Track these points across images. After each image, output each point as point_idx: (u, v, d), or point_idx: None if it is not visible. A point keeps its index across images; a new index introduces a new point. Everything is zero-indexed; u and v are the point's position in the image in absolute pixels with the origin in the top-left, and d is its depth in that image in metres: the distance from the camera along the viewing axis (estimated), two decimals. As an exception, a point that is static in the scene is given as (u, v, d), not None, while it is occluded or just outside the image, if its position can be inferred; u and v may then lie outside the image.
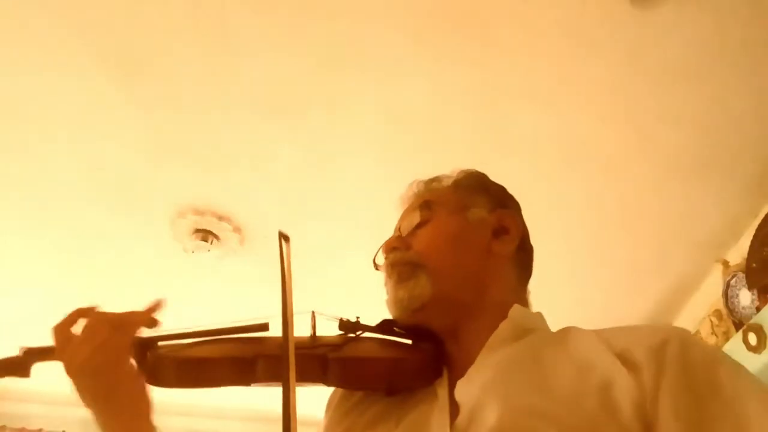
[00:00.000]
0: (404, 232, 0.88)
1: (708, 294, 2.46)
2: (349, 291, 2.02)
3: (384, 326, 0.84)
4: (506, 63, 1.77)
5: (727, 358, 0.65)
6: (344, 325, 0.83)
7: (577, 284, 2.57)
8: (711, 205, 2.22)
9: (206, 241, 2.29)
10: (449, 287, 0.80)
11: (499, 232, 0.87)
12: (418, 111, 1.90)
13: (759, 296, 2.06)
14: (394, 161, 2.01)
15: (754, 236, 2.09)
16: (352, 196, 2.11)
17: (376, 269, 0.90)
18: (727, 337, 2.17)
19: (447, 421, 0.70)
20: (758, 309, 2.03)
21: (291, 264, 0.76)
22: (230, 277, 2.48)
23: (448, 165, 2.08)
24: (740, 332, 2.03)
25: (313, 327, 0.82)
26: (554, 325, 0.83)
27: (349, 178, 2.07)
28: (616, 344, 0.67)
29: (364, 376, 0.78)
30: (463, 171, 0.96)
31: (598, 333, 0.71)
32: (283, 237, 0.81)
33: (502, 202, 0.92)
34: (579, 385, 0.64)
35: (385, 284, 0.85)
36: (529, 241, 0.93)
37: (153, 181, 2.11)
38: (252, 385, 0.76)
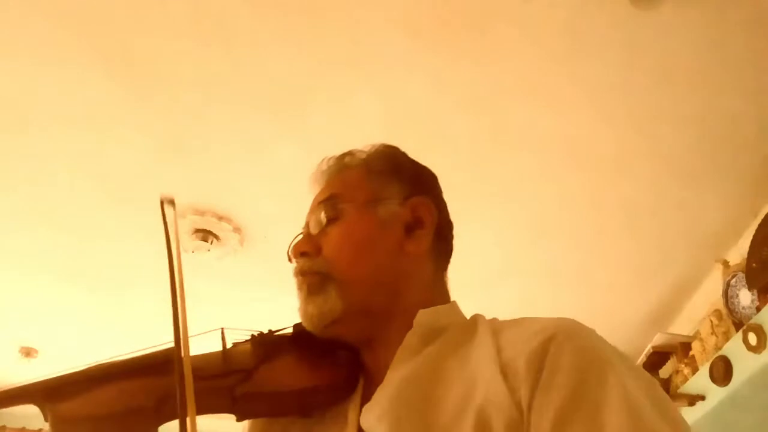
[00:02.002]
0: (313, 230, 0.82)
1: (708, 294, 2.46)
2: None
3: (298, 337, 0.80)
4: (507, 62, 1.77)
5: (603, 359, 0.62)
6: (257, 340, 0.78)
7: (577, 284, 2.57)
8: (711, 205, 2.22)
9: (206, 241, 2.30)
10: (360, 299, 0.76)
11: (413, 226, 0.82)
12: (418, 110, 1.90)
13: (759, 296, 2.06)
14: (394, 161, 2.00)
15: (754, 236, 2.09)
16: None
17: (290, 261, 0.85)
18: (727, 337, 2.17)
19: None
20: (758, 309, 2.03)
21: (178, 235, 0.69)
22: (230, 277, 2.48)
23: (448, 164, 2.08)
24: (740, 332, 2.03)
25: (224, 345, 0.78)
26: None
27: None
28: (504, 354, 0.65)
29: (275, 411, 0.76)
30: (375, 148, 0.90)
31: (497, 336, 0.69)
32: (167, 201, 0.73)
33: (416, 186, 0.86)
34: (461, 414, 0.62)
35: (297, 291, 0.81)
36: (447, 223, 0.87)
37: (153, 181, 2.11)
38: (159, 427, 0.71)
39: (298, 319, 0.81)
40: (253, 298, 2.56)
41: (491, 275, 2.37)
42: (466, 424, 0.61)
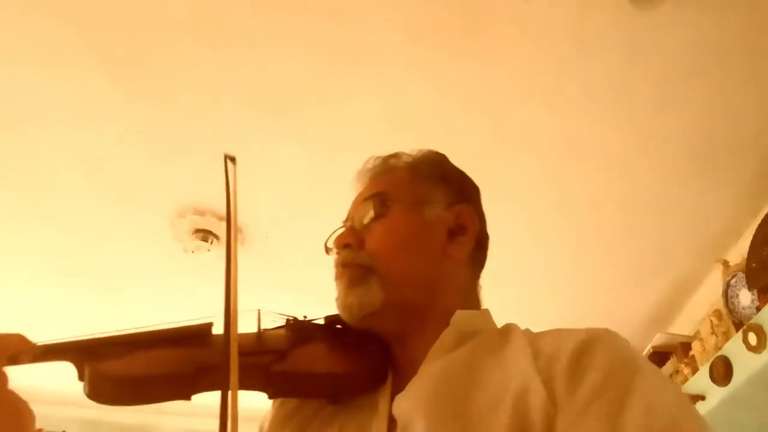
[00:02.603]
0: (357, 225, 0.84)
1: (708, 294, 2.46)
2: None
3: (331, 327, 0.82)
4: (506, 63, 1.77)
5: (642, 367, 0.63)
6: (291, 325, 0.81)
7: (577, 284, 2.57)
8: (711, 205, 2.22)
9: (206, 241, 2.30)
10: (400, 295, 0.78)
11: (456, 232, 0.84)
12: (418, 110, 1.90)
13: (759, 296, 2.06)
14: (394, 161, 2.00)
15: (754, 236, 2.09)
16: (353, 196, 2.11)
17: (327, 253, 0.87)
18: (727, 337, 2.17)
19: None
20: (758, 309, 2.03)
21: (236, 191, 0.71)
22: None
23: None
24: (740, 332, 2.03)
25: (259, 326, 0.80)
26: (554, 322, 0.82)
27: (349, 177, 2.07)
28: (542, 355, 0.66)
29: (306, 391, 0.77)
30: (422, 153, 0.92)
31: (533, 343, 0.70)
32: (230, 158, 0.77)
33: (461, 194, 0.88)
34: (496, 408, 0.63)
35: (335, 281, 0.83)
36: (485, 234, 0.90)
37: (153, 181, 2.11)
38: (192, 397, 0.73)
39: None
40: (252, 298, 2.56)
41: (491, 275, 2.36)
42: (502, 415, 0.62)
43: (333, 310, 0.84)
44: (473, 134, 1.97)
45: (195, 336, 0.77)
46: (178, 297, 2.57)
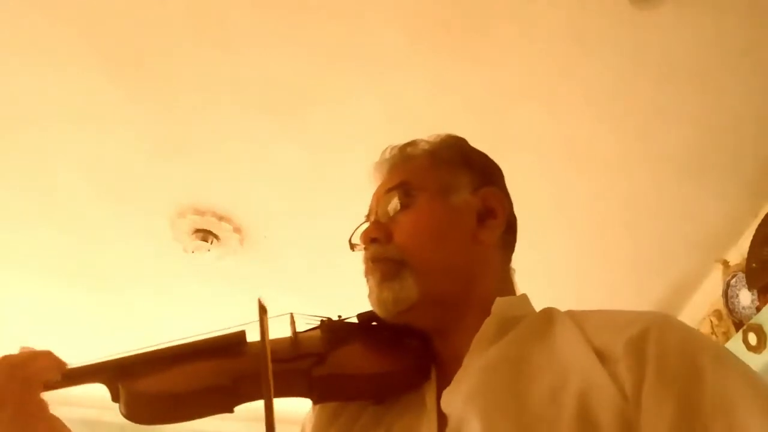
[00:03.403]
0: (383, 217, 0.82)
1: (708, 294, 2.46)
2: (350, 290, 2.02)
3: (367, 324, 0.80)
4: (506, 63, 1.77)
5: (710, 347, 0.62)
6: (326, 326, 0.79)
7: (577, 284, 2.57)
8: (711, 205, 2.22)
9: (206, 241, 2.29)
10: (436, 287, 0.76)
11: (485, 216, 0.82)
12: (418, 111, 1.90)
13: (759, 296, 2.06)
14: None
15: (754, 236, 2.09)
16: (353, 196, 2.11)
17: (352, 250, 0.85)
18: (727, 337, 2.17)
19: None
20: (758, 309, 2.03)
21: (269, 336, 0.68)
22: (230, 277, 2.48)
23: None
24: (740, 332, 2.03)
25: (293, 330, 0.78)
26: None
27: (349, 177, 2.07)
28: (596, 339, 0.65)
29: (351, 394, 0.75)
30: (440, 138, 0.91)
31: (580, 324, 0.69)
32: (262, 308, 0.72)
33: (485, 176, 0.86)
34: (557, 400, 0.61)
35: (366, 277, 0.80)
36: (514, 216, 0.88)
37: (153, 181, 2.11)
38: (235, 409, 0.71)
39: (298, 320, 0.81)
40: (253, 298, 2.55)
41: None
42: (565, 411, 0.59)
43: (334, 309, 0.84)
44: (473, 134, 1.95)
45: (229, 346, 0.75)
46: (178, 297, 2.57)
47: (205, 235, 2.28)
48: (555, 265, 2.47)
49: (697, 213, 2.25)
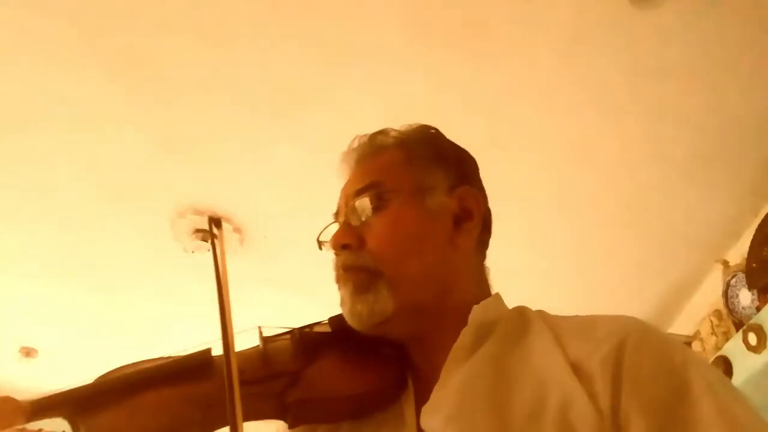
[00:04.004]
0: (354, 221, 0.76)
1: (708, 294, 2.46)
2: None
3: (340, 336, 0.75)
4: (507, 63, 1.77)
5: (688, 363, 0.61)
6: (297, 339, 0.74)
7: (577, 284, 2.57)
8: (711, 204, 2.22)
9: (206, 241, 2.29)
10: (412, 297, 0.72)
11: (462, 218, 0.77)
12: (418, 110, 1.89)
13: (759, 296, 2.06)
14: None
15: (754, 236, 2.09)
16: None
17: (320, 249, 0.81)
18: (727, 337, 2.17)
19: None
20: (758, 309, 2.03)
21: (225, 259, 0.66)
22: (230, 277, 2.48)
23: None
24: (740, 332, 2.03)
25: (263, 343, 0.74)
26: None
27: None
28: (572, 351, 0.63)
29: (329, 416, 0.72)
30: (412, 129, 0.85)
31: (555, 331, 0.67)
32: (215, 222, 0.69)
33: (461, 174, 0.81)
34: (538, 417, 0.60)
35: (337, 284, 0.76)
36: (489, 212, 0.83)
37: (153, 181, 2.11)
38: None
39: (298, 319, 0.80)
40: (253, 298, 2.56)
41: (491, 275, 2.37)
42: (546, 428, 0.58)
43: (333, 309, 0.83)
44: (473, 134, 1.95)
45: (195, 368, 0.70)
46: (178, 297, 2.56)
47: (205, 235, 2.28)
48: (555, 265, 2.47)
49: (698, 213, 2.25)
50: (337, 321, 0.76)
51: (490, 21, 1.67)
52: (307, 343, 0.74)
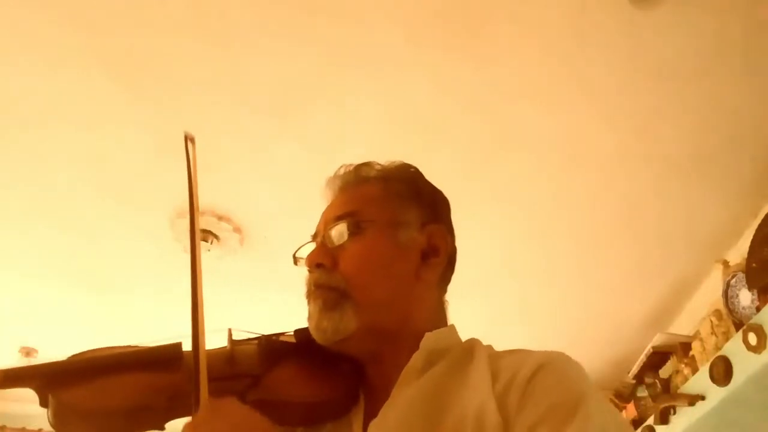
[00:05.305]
0: (330, 243, 0.83)
1: (708, 294, 2.46)
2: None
3: (304, 347, 0.80)
4: (507, 63, 1.77)
5: (594, 391, 0.69)
6: (263, 345, 0.80)
7: (577, 284, 2.57)
8: (711, 205, 2.22)
9: (206, 241, 2.30)
10: (375, 320, 0.79)
11: (429, 254, 0.84)
12: (418, 110, 1.90)
13: (759, 296, 2.06)
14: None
15: (754, 236, 2.09)
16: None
17: (295, 264, 0.86)
18: (727, 337, 2.17)
19: None
20: (758, 309, 2.03)
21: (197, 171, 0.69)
22: (230, 277, 2.48)
23: (448, 164, 2.07)
24: (740, 332, 2.03)
25: (232, 347, 0.79)
26: (554, 323, 0.82)
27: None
28: (502, 377, 0.71)
29: (283, 420, 0.75)
30: (395, 166, 0.91)
31: (494, 364, 0.74)
32: (189, 139, 0.73)
33: (433, 213, 0.88)
34: (460, 429, 0.67)
35: (307, 299, 0.82)
36: (455, 251, 0.89)
37: (153, 181, 2.11)
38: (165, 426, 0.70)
39: (297, 320, 0.81)
40: (252, 298, 2.56)
41: (491, 276, 2.37)
42: None
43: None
44: (473, 134, 1.96)
45: (165, 359, 0.74)
46: (178, 297, 2.56)
47: (205, 235, 2.28)
48: (555, 265, 2.47)
49: (697, 213, 2.25)
50: (302, 333, 0.82)
51: (489, 20, 1.67)
52: (272, 350, 0.79)
